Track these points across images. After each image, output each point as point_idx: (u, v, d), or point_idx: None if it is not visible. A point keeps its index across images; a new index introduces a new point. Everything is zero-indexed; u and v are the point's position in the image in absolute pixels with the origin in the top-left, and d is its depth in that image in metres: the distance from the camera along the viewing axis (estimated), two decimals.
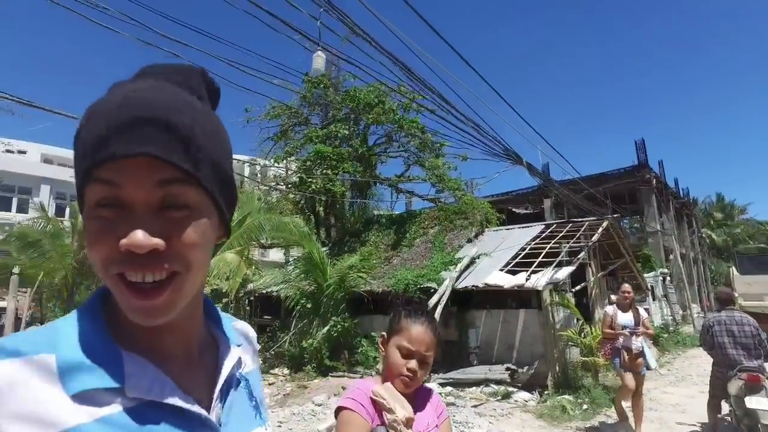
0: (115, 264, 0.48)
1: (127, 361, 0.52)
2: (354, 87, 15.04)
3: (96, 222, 0.49)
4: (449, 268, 10.59)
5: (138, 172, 0.48)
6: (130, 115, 0.48)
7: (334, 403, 6.01)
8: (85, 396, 0.48)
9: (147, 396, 0.52)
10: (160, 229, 0.49)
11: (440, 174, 15.13)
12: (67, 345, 0.51)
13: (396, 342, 1.43)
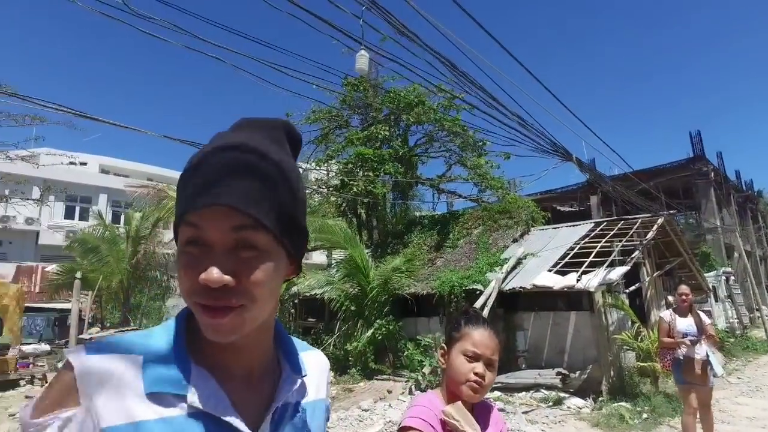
0: (196, 294, 0.58)
1: (194, 373, 0.61)
2: (393, 87, 14.99)
3: (183, 257, 0.60)
4: (495, 269, 10.33)
5: (216, 219, 0.58)
6: (215, 170, 0.59)
7: (380, 408, 5.95)
8: (156, 396, 0.59)
9: (204, 407, 0.59)
10: (231, 267, 0.58)
11: (483, 173, 14.84)
12: (153, 351, 0.62)
13: (460, 348, 1.38)
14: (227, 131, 0.68)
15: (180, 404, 0.59)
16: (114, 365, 0.59)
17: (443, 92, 14.45)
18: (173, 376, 0.60)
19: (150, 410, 0.58)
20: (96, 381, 0.57)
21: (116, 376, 0.58)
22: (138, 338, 0.64)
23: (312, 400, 0.76)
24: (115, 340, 0.63)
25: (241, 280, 0.59)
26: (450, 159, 16.27)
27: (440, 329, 10.50)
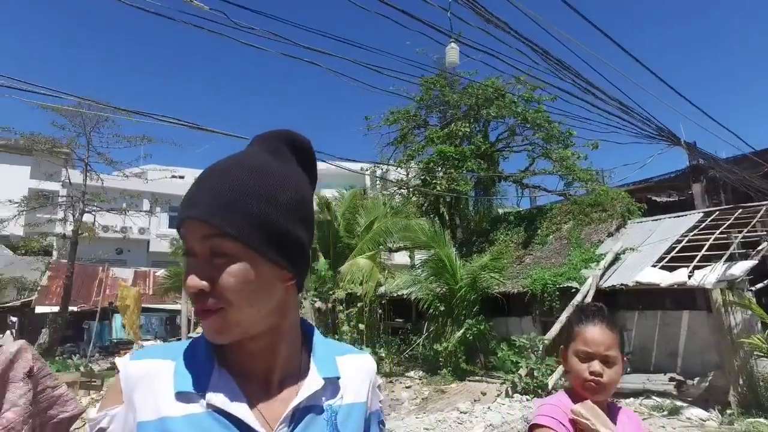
0: (191, 299, 0.65)
1: (216, 375, 0.67)
2: (471, 83, 14.68)
3: (184, 266, 0.67)
4: (590, 265, 9.72)
5: (190, 231, 0.65)
6: (193, 187, 0.66)
7: (479, 410, 5.81)
8: (183, 395, 0.65)
9: (221, 405, 0.64)
10: (207, 273, 0.63)
11: (569, 165, 14.06)
12: (182, 356, 0.69)
13: (573, 349, 1.33)
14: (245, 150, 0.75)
15: (201, 402, 0.65)
16: (150, 368, 0.67)
17: (523, 84, 13.94)
18: (197, 376, 0.67)
19: (176, 408, 0.64)
20: (134, 382, 0.66)
21: (152, 377, 0.66)
22: (177, 345, 0.72)
23: (347, 404, 0.75)
24: (158, 347, 0.73)
25: (216, 285, 0.63)
26: (534, 152, 15.60)
27: (534, 329, 10.09)
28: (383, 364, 10.65)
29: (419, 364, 11.02)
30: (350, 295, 11.22)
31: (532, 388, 7.71)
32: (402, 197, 17.08)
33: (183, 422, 0.63)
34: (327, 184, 19.71)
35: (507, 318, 11.22)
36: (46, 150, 15.92)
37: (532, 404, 5.86)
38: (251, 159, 0.69)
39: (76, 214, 14.99)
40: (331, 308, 11.55)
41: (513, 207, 17.61)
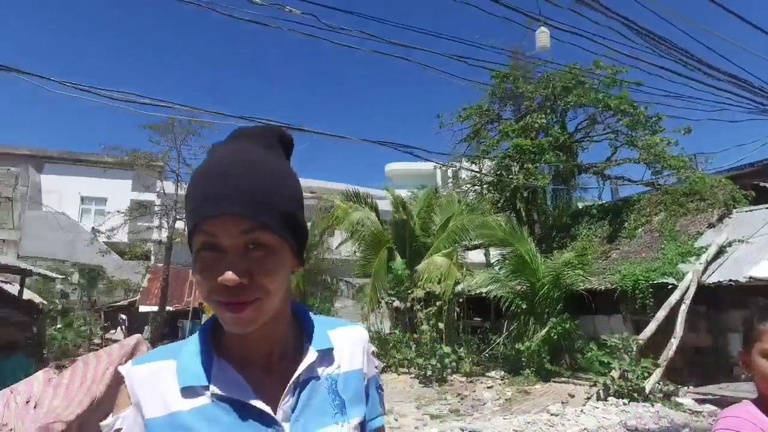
0: (215, 293, 0.65)
1: (216, 366, 0.71)
2: (546, 73, 14.07)
3: (200, 262, 0.67)
4: (689, 259, 8.93)
5: (227, 225, 0.65)
6: (220, 182, 0.65)
7: (571, 413, 5.53)
8: (189, 390, 0.68)
9: (226, 393, 0.68)
10: (244, 267, 0.65)
11: (658, 152, 13.01)
12: (183, 354, 0.72)
13: (759, 349, 1.15)
14: (223, 143, 0.75)
15: (206, 394, 0.68)
16: (153, 370, 0.71)
17: (603, 69, 13.11)
18: (199, 369, 0.70)
19: (184, 403, 0.68)
20: (139, 384, 0.70)
21: (154, 378, 0.70)
22: (176, 346, 0.76)
23: (344, 372, 0.80)
24: (158, 350, 0.77)
25: (254, 278, 0.65)
26: (616, 141, 14.63)
27: (624, 328, 9.45)
28: (463, 363, 10.49)
29: (500, 363, 10.73)
30: (428, 294, 11.17)
31: (626, 391, 7.19)
32: (476, 194, 16.74)
33: (191, 415, 0.67)
34: (400, 185, 19.84)
35: (593, 316, 10.61)
36: (144, 164, 17.47)
37: (630, 409, 5.48)
38: (265, 156, 0.71)
39: (170, 221, 16.28)
40: (409, 307, 11.57)
41: (594, 200, 16.66)
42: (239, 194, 0.65)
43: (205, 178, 0.68)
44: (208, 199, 0.65)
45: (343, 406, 0.76)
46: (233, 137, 0.76)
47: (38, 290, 16.08)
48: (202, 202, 0.66)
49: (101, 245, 18.47)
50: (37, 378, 3.99)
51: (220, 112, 5.80)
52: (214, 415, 0.67)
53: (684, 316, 7.59)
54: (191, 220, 0.67)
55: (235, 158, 0.68)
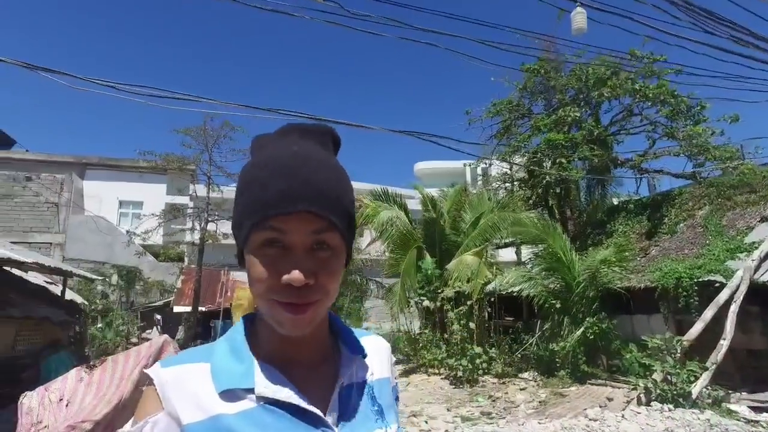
0: (274, 292, 0.63)
1: (258, 367, 0.67)
2: (578, 65, 13.60)
3: (263, 258, 0.64)
4: (738, 256, 8.39)
5: (299, 223, 0.63)
6: (292, 178, 0.63)
7: (611, 419, 5.23)
8: (229, 394, 0.64)
9: (273, 395, 0.64)
10: (311, 267, 0.63)
11: (701, 143, 12.36)
12: (218, 356, 0.68)
13: None
14: (275, 137, 0.72)
15: (250, 397, 0.64)
16: (186, 372, 0.66)
17: (640, 59, 12.56)
18: (240, 372, 0.66)
19: (225, 406, 0.63)
20: (172, 387, 0.64)
21: (187, 381, 0.65)
22: (205, 348, 0.72)
23: (377, 379, 0.79)
24: (185, 353, 0.72)
25: (318, 279, 0.64)
26: (654, 133, 14.01)
27: (666, 329, 8.98)
28: (494, 364, 10.23)
29: (533, 364, 10.40)
30: (458, 293, 10.95)
31: (670, 395, 6.79)
32: (507, 191, 16.37)
33: (237, 419, 0.63)
34: (429, 184, 19.63)
35: (632, 316, 10.16)
36: (177, 168, 17.90)
37: (676, 415, 5.14)
38: (320, 153, 0.69)
39: (202, 223, 16.61)
40: (439, 307, 11.37)
41: (630, 195, 16.02)
42: (315, 192, 0.64)
43: (272, 173, 0.64)
44: (284, 195, 0.63)
45: (381, 412, 0.76)
46: (285, 132, 0.73)
47: (80, 291, 16.69)
48: (275, 197, 0.63)
49: (137, 247, 19.04)
50: (69, 376, 4.05)
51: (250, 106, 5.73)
52: (262, 420, 0.64)
53: (734, 317, 7.12)
54: (255, 215, 0.64)
55: (299, 154, 0.66)
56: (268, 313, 0.66)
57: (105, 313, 17.32)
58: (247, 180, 0.67)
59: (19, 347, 8.48)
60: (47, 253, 18.69)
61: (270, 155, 0.67)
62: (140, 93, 4.80)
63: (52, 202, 20.43)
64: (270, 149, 0.68)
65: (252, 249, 0.66)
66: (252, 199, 0.65)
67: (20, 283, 9.48)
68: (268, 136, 0.74)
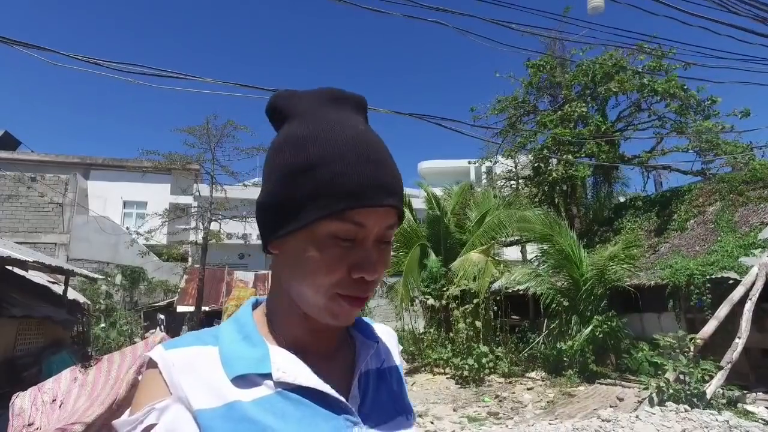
0: (343, 287, 0.58)
1: (273, 352, 0.62)
2: (585, 60, 13.41)
3: (334, 250, 0.58)
4: (752, 252, 8.19)
5: (381, 218, 0.59)
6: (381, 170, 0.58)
7: (625, 420, 5.06)
8: (243, 380, 0.58)
9: (293, 381, 0.59)
10: (377, 261, 0.59)
11: (711, 138, 12.16)
12: (226, 341, 0.62)
13: None
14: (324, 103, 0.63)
15: (267, 383, 0.59)
16: (194, 355, 0.60)
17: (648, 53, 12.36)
18: (254, 357, 0.61)
19: (240, 393, 0.57)
20: (180, 371, 0.57)
21: (196, 365, 0.59)
22: (211, 331, 0.65)
23: (389, 366, 0.76)
24: (189, 336, 0.64)
25: (381, 273, 0.61)
26: (662, 129, 13.79)
27: (678, 326, 8.78)
28: (501, 363, 10.07)
29: (540, 364, 10.23)
30: (464, 291, 10.80)
31: (684, 396, 6.60)
32: (512, 189, 16.19)
33: (255, 406, 0.57)
34: (434, 183, 19.49)
35: (641, 314, 9.97)
36: (180, 167, 17.84)
37: (693, 416, 4.96)
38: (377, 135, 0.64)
39: (205, 222, 16.54)
40: (444, 306, 11.22)
41: (637, 192, 15.83)
42: (399, 186, 0.61)
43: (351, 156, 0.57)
44: (374, 187, 0.57)
45: (400, 398, 0.72)
46: (333, 98, 0.65)
47: (84, 291, 16.66)
48: (362, 188, 0.56)
49: (141, 247, 18.98)
50: (63, 376, 3.92)
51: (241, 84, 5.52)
52: (282, 407, 0.58)
53: (750, 315, 6.91)
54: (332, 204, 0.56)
55: (368, 136, 0.61)
56: (324, 306, 0.60)
57: (109, 312, 17.30)
58: (311, 156, 0.58)
59: (21, 347, 8.40)
60: (52, 253, 18.69)
61: (336, 126, 0.60)
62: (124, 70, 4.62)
63: (56, 202, 20.45)
64: (327, 121, 0.60)
65: (316, 238, 0.58)
66: (326, 183, 0.57)
67: (22, 283, 9.40)
68: (306, 96, 0.64)
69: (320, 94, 0.65)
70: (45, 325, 9.06)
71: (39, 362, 8.15)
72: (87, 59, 4.52)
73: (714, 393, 6.47)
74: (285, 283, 0.63)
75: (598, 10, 5.61)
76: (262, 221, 0.64)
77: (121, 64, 4.70)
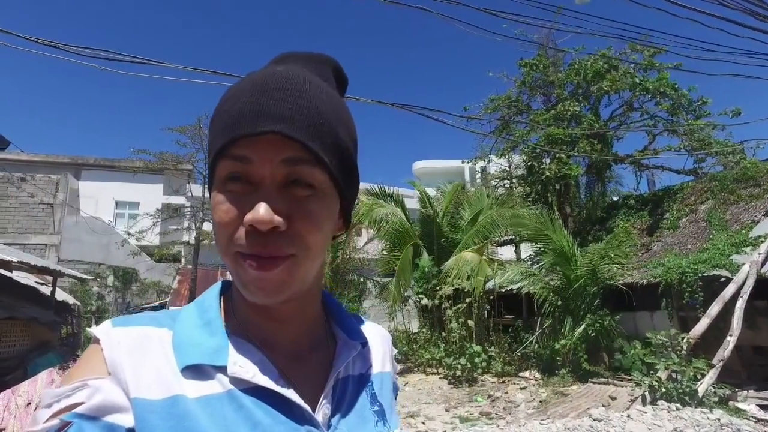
0: (237, 243, 0.49)
1: (234, 343, 0.54)
2: (577, 59, 13.41)
3: (224, 195, 0.51)
4: (743, 250, 8.19)
5: (268, 150, 0.49)
6: (263, 95, 0.50)
7: (616, 419, 5.01)
8: (193, 371, 0.50)
9: (251, 379, 0.51)
10: (283, 207, 0.49)
11: (702, 137, 12.20)
12: (183, 325, 0.55)
13: None
14: (264, 67, 0.58)
15: (220, 378, 0.51)
16: (143, 336, 0.52)
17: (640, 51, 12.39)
18: (210, 346, 0.53)
19: (187, 386, 0.49)
20: (125, 351, 0.50)
21: (147, 348, 0.51)
22: (167, 314, 0.58)
23: (378, 373, 0.67)
24: (144, 315, 0.56)
25: (294, 223, 0.50)
26: (654, 128, 13.82)
27: (669, 325, 8.77)
28: (494, 363, 10.02)
29: (533, 363, 10.19)
30: (457, 291, 10.74)
31: (676, 394, 6.57)
32: (505, 189, 16.17)
33: (199, 405, 0.48)
34: (428, 183, 19.45)
35: (634, 313, 9.95)
36: (172, 167, 17.70)
37: (685, 414, 4.92)
38: (313, 78, 0.54)
39: (198, 223, 16.42)
40: (437, 305, 11.15)
41: (630, 191, 15.87)
42: (290, 110, 0.49)
43: (240, 94, 0.51)
44: (245, 115, 0.49)
45: (382, 413, 0.63)
46: (279, 60, 0.60)
47: (75, 292, 16.49)
48: (236, 118, 0.49)
49: (133, 247, 18.82)
50: (40, 378, 3.82)
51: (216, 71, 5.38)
52: (231, 408, 0.50)
53: (741, 313, 6.89)
54: (218, 142, 0.51)
55: (282, 73, 0.52)
56: (233, 273, 0.52)
57: (100, 314, 17.14)
58: (216, 108, 0.54)
59: (4, 349, 8.26)
60: (42, 254, 18.49)
61: (249, 76, 0.54)
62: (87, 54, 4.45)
63: (47, 203, 20.25)
64: (252, 74, 0.54)
65: (215, 188, 0.52)
66: (217, 126, 0.52)
67: (7, 284, 9.25)
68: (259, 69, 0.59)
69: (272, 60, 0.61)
70: (31, 327, 8.91)
71: (24, 365, 8.02)
72: (45, 42, 4.38)
73: (706, 391, 6.45)
74: None
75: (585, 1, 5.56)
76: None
77: (83, 48, 4.55)
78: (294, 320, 0.59)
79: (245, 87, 0.52)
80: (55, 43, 4.39)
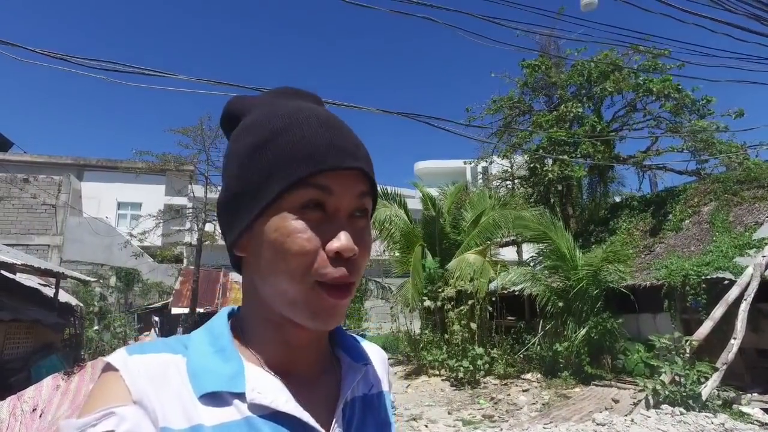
0: (320, 270, 0.51)
1: (249, 370, 0.54)
2: (580, 60, 13.38)
3: (303, 226, 0.51)
4: (747, 252, 8.15)
5: (349, 183, 0.53)
6: (330, 131, 0.53)
7: (620, 423, 5.00)
8: (211, 398, 0.51)
9: (270, 405, 0.52)
10: (353, 237, 0.52)
11: (706, 138, 12.15)
12: (196, 352, 0.54)
13: None
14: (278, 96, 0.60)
15: (238, 404, 0.51)
16: (162, 364, 0.52)
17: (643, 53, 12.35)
18: (226, 373, 0.53)
19: (205, 415, 0.49)
20: (146, 379, 0.49)
21: (165, 375, 0.51)
22: (178, 340, 0.57)
23: (378, 392, 0.68)
24: (156, 342, 0.56)
25: (358, 253, 0.53)
26: (657, 129, 13.78)
27: (672, 328, 8.75)
28: (496, 365, 10.00)
29: (536, 365, 10.18)
30: (459, 293, 10.73)
31: (680, 398, 6.55)
32: (507, 190, 16.15)
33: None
34: (430, 183, 19.45)
35: (637, 315, 9.92)
36: (174, 168, 17.71)
37: (689, 419, 4.90)
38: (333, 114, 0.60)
39: (200, 224, 16.42)
40: (440, 307, 11.14)
41: (632, 192, 15.83)
42: (362, 149, 0.55)
43: (310, 123, 0.53)
44: (335, 147, 0.52)
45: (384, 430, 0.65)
46: (289, 94, 0.61)
47: (78, 293, 16.52)
48: (323, 150, 0.51)
49: (135, 248, 18.85)
50: (45, 384, 3.83)
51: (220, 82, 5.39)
52: None
53: (745, 315, 6.87)
54: (294, 170, 0.51)
55: (326, 112, 0.57)
56: (304, 300, 0.52)
57: (103, 315, 17.16)
58: (272, 128, 0.53)
59: (9, 351, 8.28)
60: (45, 255, 18.54)
61: (293, 107, 0.56)
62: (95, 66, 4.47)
63: (49, 203, 20.29)
64: (284, 106, 0.56)
65: (281, 216, 0.52)
66: (286, 150, 0.52)
67: (10, 285, 9.27)
68: (260, 96, 0.61)
69: (273, 91, 0.62)
70: (34, 329, 8.93)
71: (28, 367, 8.03)
72: (54, 55, 4.39)
73: (710, 394, 6.42)
74: (259, 285, 0.56)
75: (591, 6, 5.55)
76: (224, 221, 0.58)
77: (91, 60, 4.57)
78: (313, 345, 0.61)
79: (309, 120, 0.54)
80: (63, 56, 4.40)
